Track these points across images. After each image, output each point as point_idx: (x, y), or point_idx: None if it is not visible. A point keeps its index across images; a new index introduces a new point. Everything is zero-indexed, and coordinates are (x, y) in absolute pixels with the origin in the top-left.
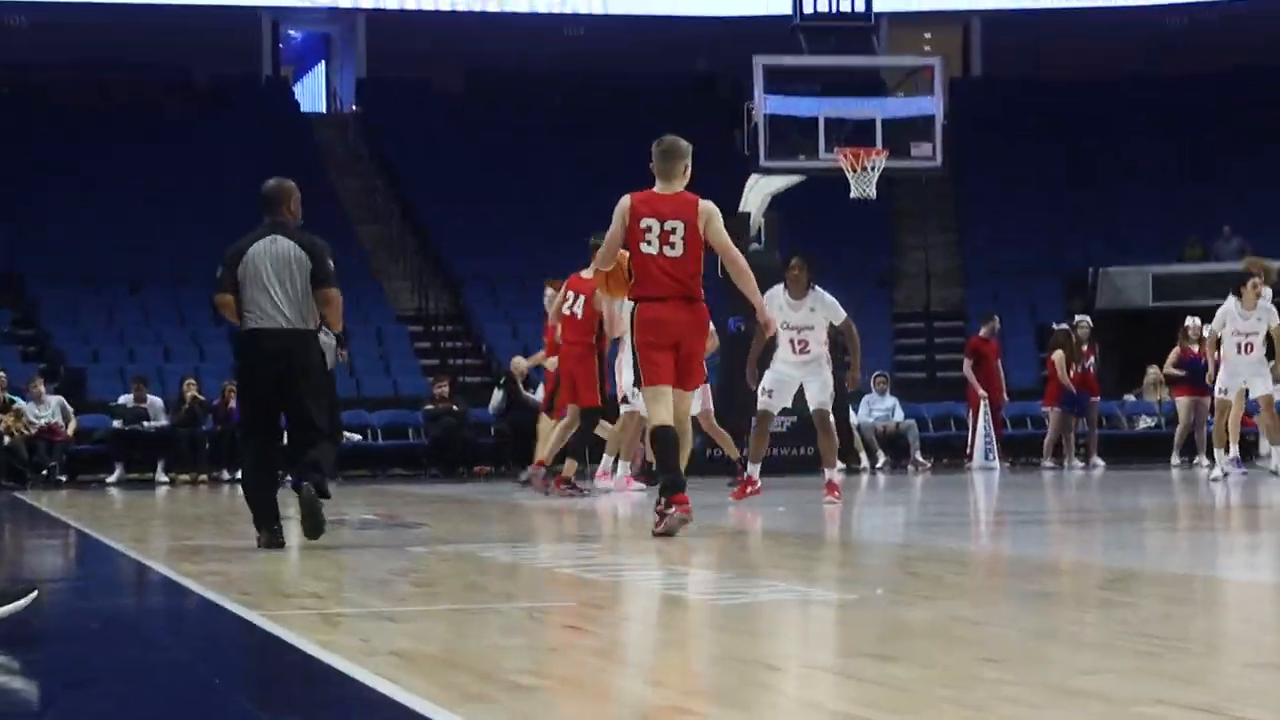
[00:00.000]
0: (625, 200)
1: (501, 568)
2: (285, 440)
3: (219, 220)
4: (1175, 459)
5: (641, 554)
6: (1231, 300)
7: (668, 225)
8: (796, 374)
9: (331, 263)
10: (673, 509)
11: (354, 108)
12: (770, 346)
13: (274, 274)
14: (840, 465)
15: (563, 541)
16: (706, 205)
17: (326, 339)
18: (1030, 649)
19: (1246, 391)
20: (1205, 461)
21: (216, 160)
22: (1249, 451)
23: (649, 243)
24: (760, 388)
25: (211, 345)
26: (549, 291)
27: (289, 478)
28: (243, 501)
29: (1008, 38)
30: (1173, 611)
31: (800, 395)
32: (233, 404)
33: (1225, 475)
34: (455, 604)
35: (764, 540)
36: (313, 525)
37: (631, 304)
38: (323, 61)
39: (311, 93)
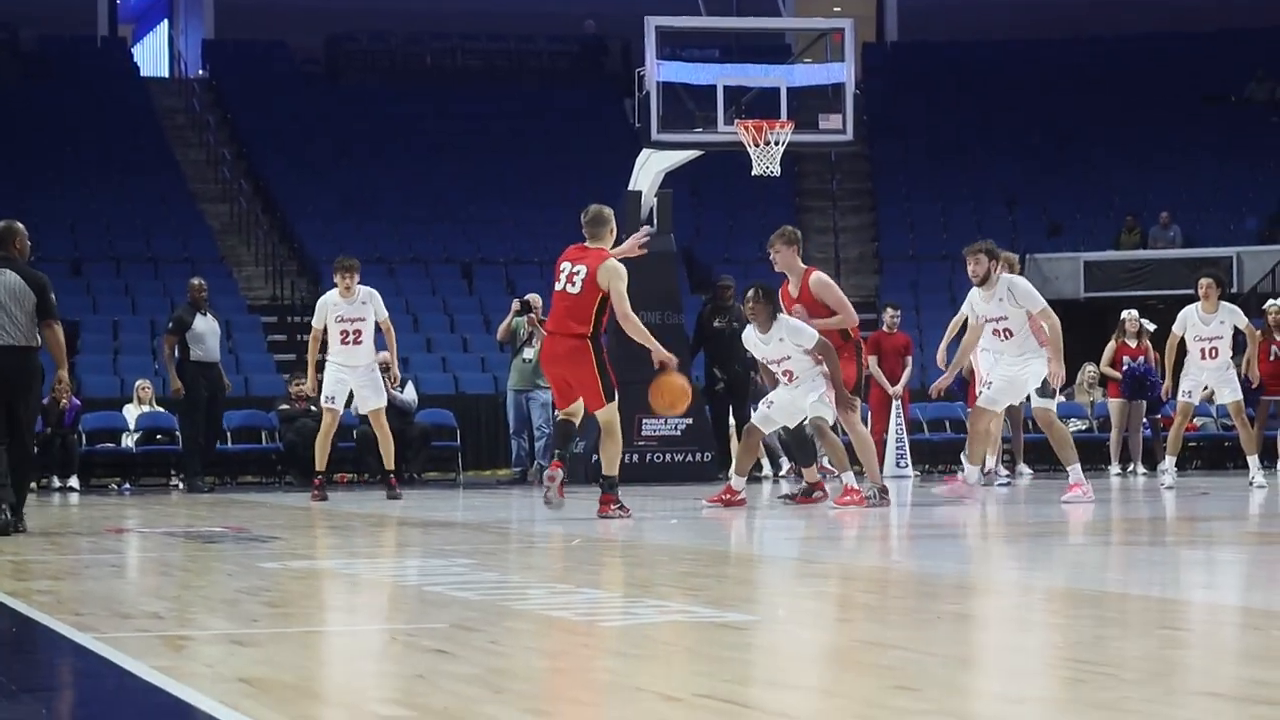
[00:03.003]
0: None
1: (364, 585)
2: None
3: (50, 196)
4: (1114, 467)
5: (520, 571)
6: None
7: (575, 268)
8: (792, 396)
9: (53, 296)
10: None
11: (200, 72)
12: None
13: (4, 301)
14: (820, 471)
15: (432, 556)
16: (611, 264)
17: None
18: (947, 676)
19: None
20: (1141, 469)
21: (46, 130)
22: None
23: (559, 282)
24: (764, 400)
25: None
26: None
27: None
28: (76, 512)
29: None
30: (1105, 634)
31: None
32: (63, 404)
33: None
34: (312, 626)
35: (654, 555)
36: None
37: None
38: (165, 20)
39: (152, 55)
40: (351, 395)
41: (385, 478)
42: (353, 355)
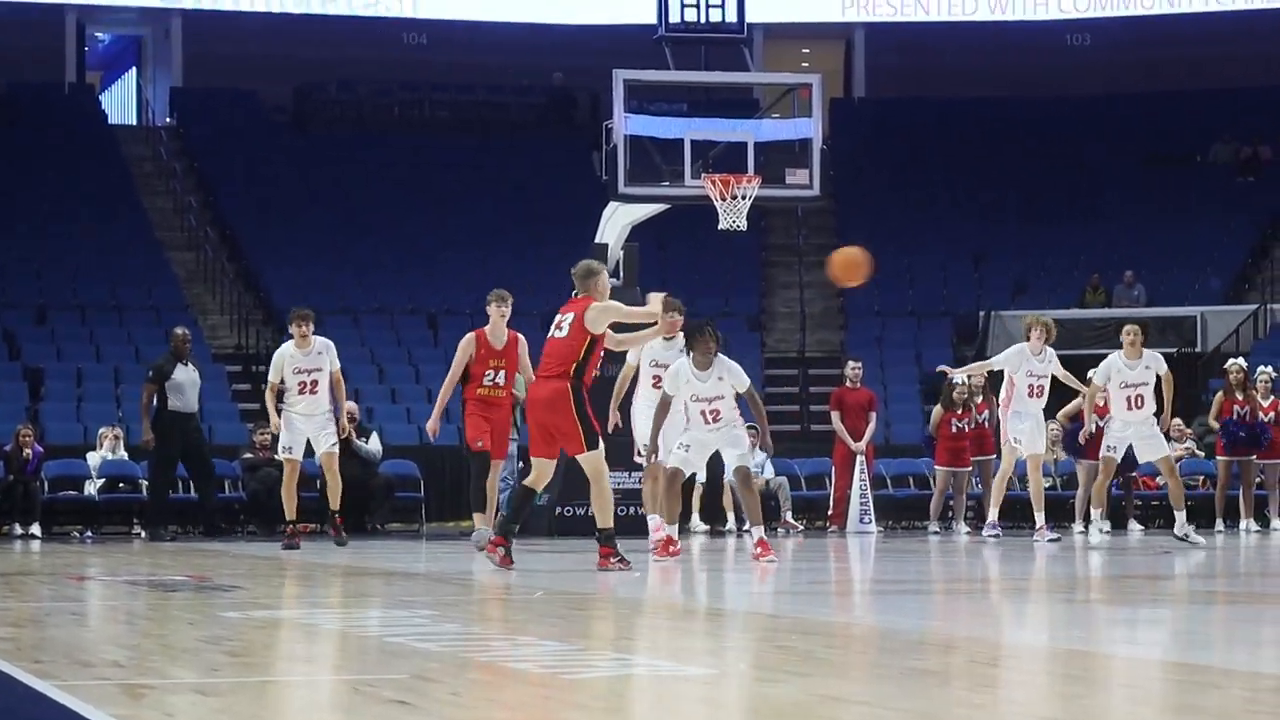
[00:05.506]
0: None
1: (325, 636)
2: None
3: (15, 243)
4: (1078, 525)
5: (482, 622)
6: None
7: (564, 316)
8: (713, 439)
9: None
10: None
11: (168, 120)
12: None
13: None
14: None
15: (394, 607)
16: (597, 304)
17: None
18: None
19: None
20: (1079, 526)
21: (13, 176)
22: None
23: (551, 330)
24: (678, 443)
25: (3, 384)
26: None
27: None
28: (37, 559)
29: (893, 55)
30: (1066, 690)
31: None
32: (26, 451)
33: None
34: (273, 676)
35: (616, 609)
36: None
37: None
38: (134, 68)
39: (120, 102)
40: (309, 443)
41: (330, 519)
42: (310, 404)
